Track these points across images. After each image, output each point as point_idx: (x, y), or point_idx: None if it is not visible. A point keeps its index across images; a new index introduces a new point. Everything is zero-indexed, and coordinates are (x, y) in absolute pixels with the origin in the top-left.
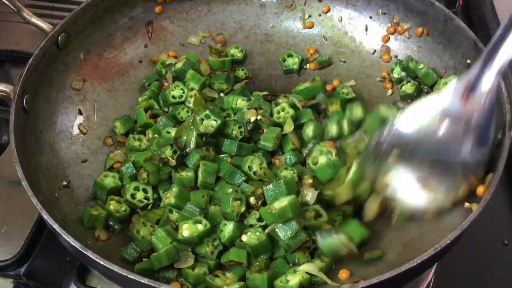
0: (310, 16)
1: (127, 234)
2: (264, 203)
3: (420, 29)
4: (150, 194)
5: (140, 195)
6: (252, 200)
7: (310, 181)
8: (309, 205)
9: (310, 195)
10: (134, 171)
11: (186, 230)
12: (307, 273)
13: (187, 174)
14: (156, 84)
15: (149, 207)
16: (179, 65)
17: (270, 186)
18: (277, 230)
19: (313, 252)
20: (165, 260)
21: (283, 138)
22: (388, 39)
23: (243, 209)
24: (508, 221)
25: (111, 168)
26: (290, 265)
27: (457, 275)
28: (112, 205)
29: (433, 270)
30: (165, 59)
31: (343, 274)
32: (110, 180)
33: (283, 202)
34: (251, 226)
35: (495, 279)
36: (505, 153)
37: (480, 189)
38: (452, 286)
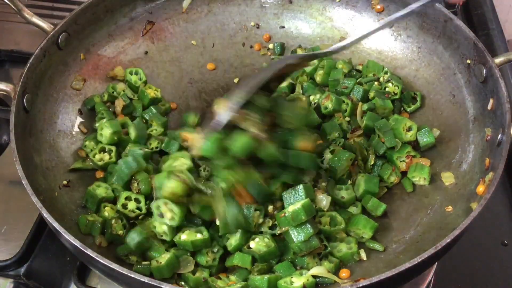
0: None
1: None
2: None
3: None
4: (142, 204)
5: (132, 205)
6: (270, 209)
7: (324, 184)
8: (324, 211)
9: (324, 201)
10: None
11: (185, 235)
12: (313, 276)
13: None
14: (101, 105)
15: (140, 217)
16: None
17: (289, 191)
18: (290, 232)
19: (319, 253)
20: (166, 273)
21: None
22: None
23: (261, 220)
24: (508, 221)
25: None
26: (298, 268)
27: (457, 275)
28: (107, 212)
29: (433, 269)
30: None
31: (343, 273)
32: (102, 190)
33: (296, 205)
34: (261, 232)
35: (495, 279)
36: (505, 152)
37: (480, 188)
38: (452, 286)
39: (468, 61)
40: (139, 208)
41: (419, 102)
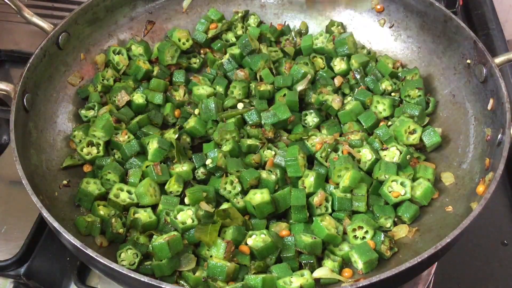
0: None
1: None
2: None
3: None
4: (134, 195)
5: (124, 195)
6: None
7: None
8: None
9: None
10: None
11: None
12: (314, 279)
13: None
14: (96, 94)
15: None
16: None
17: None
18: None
19: (322, 254)
20: (167, 270)
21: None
22: None
23: None
24: (508, 221)
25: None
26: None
27: (457, 275)
28: (102, 210)
29: (433, 269)
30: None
31: (345, 273)
32: (94, 187)
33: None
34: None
35: (495, 279)
36: (505, 152)
37: (480, 188)
38: (452, 286)
39: (468, 61)
40: (131, 199)
41: (431, 107)
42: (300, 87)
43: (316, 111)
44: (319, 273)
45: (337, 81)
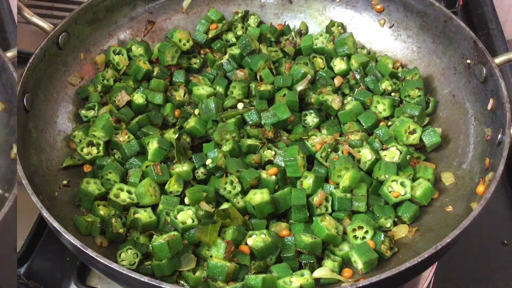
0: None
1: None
2: None
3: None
4: (134, 195)
5: (124, 195)
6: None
7: None
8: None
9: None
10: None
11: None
12: (314, 279)
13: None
14: (96, 94)
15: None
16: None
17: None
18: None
19: (322, 254)
20: (167, 270)
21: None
22: None
23: None
24: (508, 221)
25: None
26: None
27: (457, 275)
28: (102, 210)
29: (433, 269)
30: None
31: (345, 273)
32: (94, 187)
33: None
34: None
35: (495, 279)
36: (505, 152)
37: (480, 188)
38: (452, 286)
39: (468, 61)
40: (131, 199)
41: (431, 107)
42: (300, 87)
43: (316, 111)
44: (319, 273)
45: (337, 81)
